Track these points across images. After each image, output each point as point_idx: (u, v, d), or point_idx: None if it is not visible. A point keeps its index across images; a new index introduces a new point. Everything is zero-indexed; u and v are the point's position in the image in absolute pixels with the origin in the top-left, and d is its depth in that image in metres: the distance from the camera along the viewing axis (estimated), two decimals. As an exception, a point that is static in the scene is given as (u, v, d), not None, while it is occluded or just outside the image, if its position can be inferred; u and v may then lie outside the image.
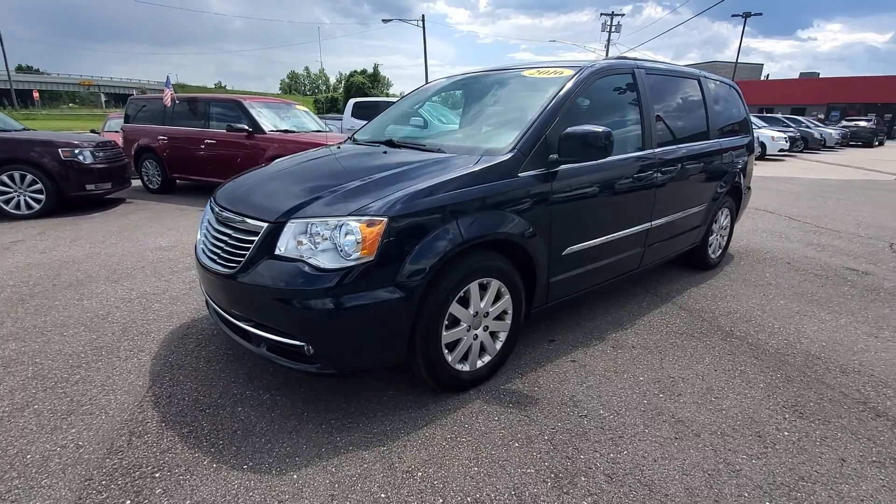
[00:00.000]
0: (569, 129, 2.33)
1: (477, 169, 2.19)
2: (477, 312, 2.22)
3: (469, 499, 1.66)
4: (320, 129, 7.61)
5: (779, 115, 22.09)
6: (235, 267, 2.04)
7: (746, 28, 32.91)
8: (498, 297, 2.31)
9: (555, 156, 2.41)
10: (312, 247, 1.91)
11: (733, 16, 34.93)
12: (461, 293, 2.12)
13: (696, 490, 1.72)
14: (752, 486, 1.74)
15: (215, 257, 2.18)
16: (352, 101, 9.76)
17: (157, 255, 4.29)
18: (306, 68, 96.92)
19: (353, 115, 9.41)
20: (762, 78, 51.37)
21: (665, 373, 2.51)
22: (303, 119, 7.62)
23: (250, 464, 1.81)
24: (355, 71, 53.95)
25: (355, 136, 3.32)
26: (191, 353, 2.61)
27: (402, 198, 1.96)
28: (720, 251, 4.36)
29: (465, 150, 2.47)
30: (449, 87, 3.46)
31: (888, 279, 4.09)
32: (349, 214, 1.90)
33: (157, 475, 1.73)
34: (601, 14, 38.74)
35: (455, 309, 2.12)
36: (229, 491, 1.67)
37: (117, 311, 3.11)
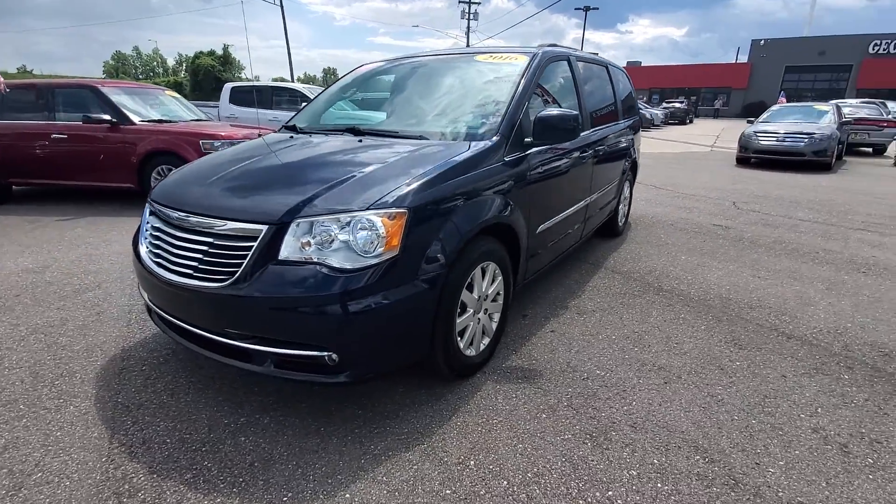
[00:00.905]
0: (543, 113, 2.44)
1: (473, 154, 2.19)
2: (479, 297, 2.25)
3: (529, 474, 1.72)
4: (199, 117, 6.71)
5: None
6: (226, 279, 1.76)
7: (579, 21, 37.13)
8: (493, 280, 2.36)
9: (529, 139, 2.51)
10: (322, 247, 1.75)
11: (576, 9, 38.99)
12: (468, 279, 2.13)
13: (701, 422, 2.01)
14: (737, 410, 2.09)
15: (184, 269, 1.87)
16: (229, 86, 8.67)
17: (28, 279, 3.42)
18: (136, 48, 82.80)
19: (231, 102, 8.42)
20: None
21: (629, 329, 2.83)
22: (173, 107, 6.62)
23: (290, 494, 1.62)
24: (201, 52, 47.66)
25: (296, 125, 3.03)
26: (144, 388, 2.19)
27: (418, 187, 1.88)
28: (624, 219, 4.97)
29: (448, 135, 2.45)
30: (391, 71, 3.31)
31: (745, 230, 5.09)
32: (368, 209, 1.76)
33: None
34: (459, 2, 40.07)
35: (464, 295, 2.12)
36: (281, 528, 1.48)
37: (12, 354, 2.44)
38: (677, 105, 30.33)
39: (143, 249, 2.10)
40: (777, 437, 1.93)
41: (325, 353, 1.75)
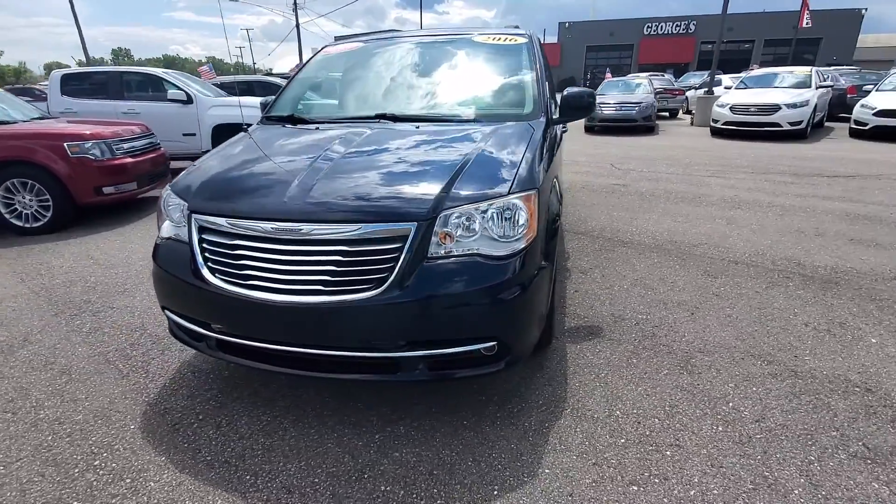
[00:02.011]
0: (568, 92, 2.62)
1: (541, 133, 2.29)
2: (549, 266, 2.41)
3: (666, 407, 1.98)
4: (37, 115, 5.24)
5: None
6: (373, 287, 1.60)
7: (398, 0, 38.16)
8: (551, 250, 2.53)
9: (556, 115, 2.68)
10: (468, 237, 1.69)
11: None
12: (547, 250, 2.27)
13: (739, 336, 2.51)
14: (752, 322, 2.65)
15: (307, 287, 1.63)
16: (58, 75, 6.66)
17: None
18: None
19: (64, 94, 6.54)
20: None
21: (631, 278, 3.28)
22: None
23: (498, 486, 1.61)
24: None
25: (301, 116, 2.69)
26: (225, 438, 1.84)
27: (531, 166, 1.92)
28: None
29: (501, 116, 2.49)
30: (380, 54, 3.05)
31: (638, 186, 6.09)
32: (509, 193, 1.75)
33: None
34: (281, -24, 37.16)
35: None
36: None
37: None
38: None
39: (208, 273, 1.73)
40: (791, 334, 2.53)
41: (487, 345, 1.72)
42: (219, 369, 2.29)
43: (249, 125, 2.63)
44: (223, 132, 6.37)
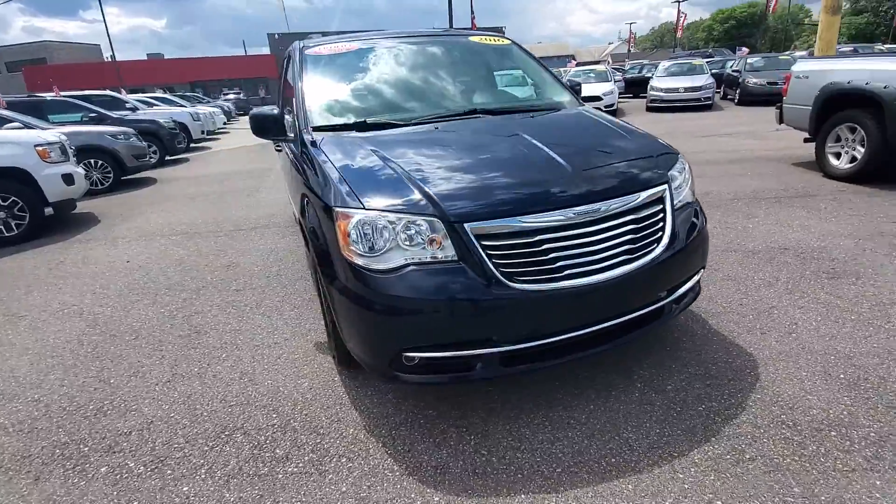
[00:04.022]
0: (574, 82, 2.75)
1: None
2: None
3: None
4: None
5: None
6: (658, 244, 1.86)
7: (23, 7, 33.85)
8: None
9: None
10: (680, 189, 2.04)
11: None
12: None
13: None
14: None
15: (618, 259, 1.77)
16: None
17: None
18: None
19: None
20: (106, 59, 42.81)
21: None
22: None
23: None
24: None
25: (376, 122, 2.45)
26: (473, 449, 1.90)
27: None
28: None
29: (560, 104, 2.79)
30: (384, 55, 3.07)
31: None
32: (679, 158, 2.16)
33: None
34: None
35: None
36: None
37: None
38: (241, 97, 31.46)
39: (507, 280, 1.64)
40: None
41: (700, 273, 2.13)
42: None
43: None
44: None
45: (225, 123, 18.77)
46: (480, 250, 1.64)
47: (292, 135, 2.54)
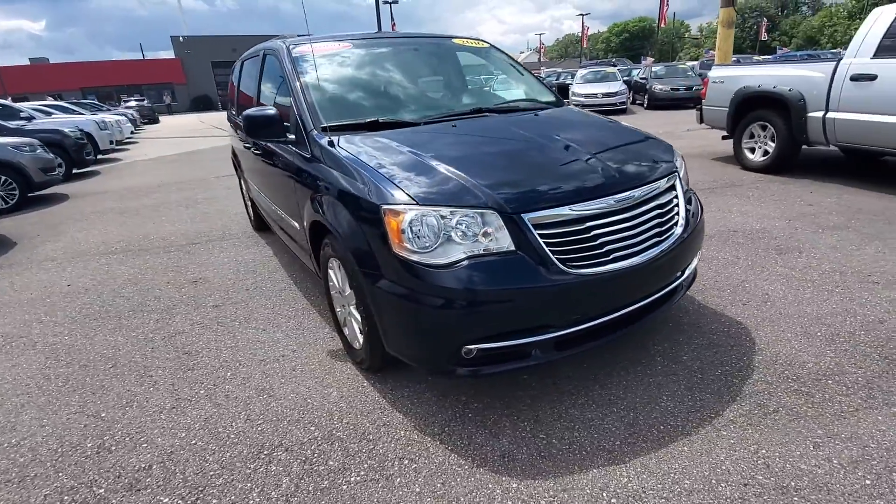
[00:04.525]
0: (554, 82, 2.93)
1: None
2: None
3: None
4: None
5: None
6: (674, 230, 2.04)
7: None
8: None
9: None
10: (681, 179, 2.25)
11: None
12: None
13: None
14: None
15: (654, 241, 1.94)
16: None
17: None
18: None
19: None
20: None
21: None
22: None
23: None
24: None
25: (387, 120, 2.41)
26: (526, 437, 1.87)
27: None
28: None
29: (553, 103, 2.95)
30: (369, 55, 3.03)
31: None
32: (675, 150, 2.37)
33: None
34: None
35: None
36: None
37: None
38: (145, 104, 29.02)
39: (564, 266, 1.71)
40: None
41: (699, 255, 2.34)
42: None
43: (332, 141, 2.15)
44: None
45: (132, 132, 17.12)
46: (539, 239, 1.70)
47: (293, 136, 2.43)
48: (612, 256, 1.79)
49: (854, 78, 4.50)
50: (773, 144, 5.47)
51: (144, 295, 3.39)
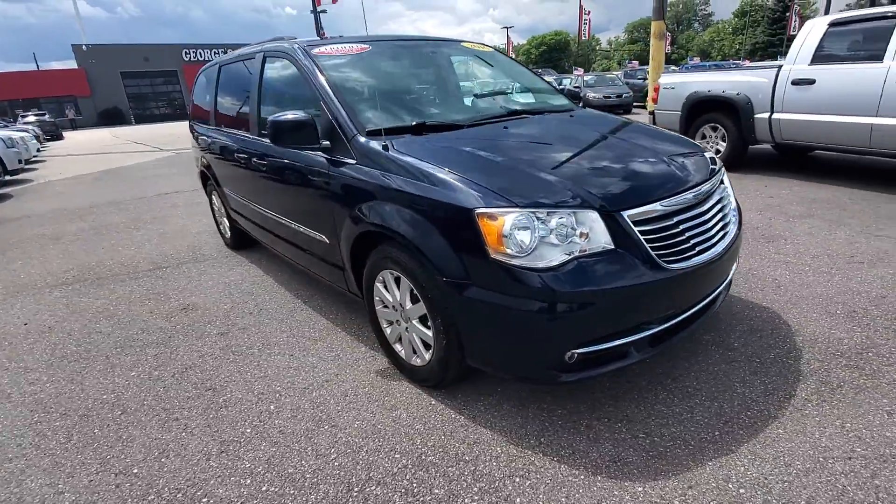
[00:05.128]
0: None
1: None
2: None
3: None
4: None
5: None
6: (734, 221, 2.12)
7: None
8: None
9: None
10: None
11: None
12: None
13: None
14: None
15: (724, 232, 2.01)
16: None
17: None
18: None
19: None
20: None
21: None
22: None
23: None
24: None
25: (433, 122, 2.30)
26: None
27: None
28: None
29: (572, 105, 2.97)
30: (383, 58, 2.89)
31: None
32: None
33: None
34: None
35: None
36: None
37: None
38: (46, 119, 26.62)
39: (662, 262, 1.71)
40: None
41: None
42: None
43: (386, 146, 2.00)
44: None
45: (39, 150, 15.25)
46: (640, 236, 1.69)
47: (326, 142, 2.25)
48: (696, 249, 1.82)
49: (795, 82, 5.03)
50: (724, 144, 5.95)
51: (127, 328, 2.97)
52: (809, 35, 5.01)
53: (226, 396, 2.22)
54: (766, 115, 5.34)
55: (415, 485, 1.65)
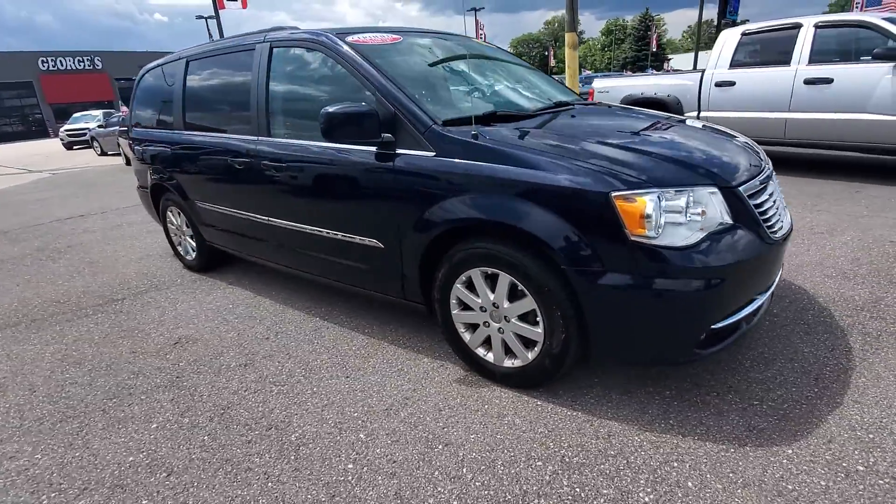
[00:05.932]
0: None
1: None
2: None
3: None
4: None
5: None
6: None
7: None
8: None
9: None
10: None
11: None
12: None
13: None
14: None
15: (785, 220, 2.04)
16: None
17: None
18: None
19: None
20: None
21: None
22: None
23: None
24: None
25: (500, 112, 2.18)
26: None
27: None
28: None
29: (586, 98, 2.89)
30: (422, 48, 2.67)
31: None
32: None
33: None
34: None
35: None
36: None
37: None
38: None
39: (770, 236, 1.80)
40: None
41: None
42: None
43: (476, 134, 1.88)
44: None
45: None
46: (755, 210, 1.75)
47: (389, 135, 2.04)
48: (779, 225, 1.94)
49: (718, 84, 5.71)
50: (658, 141, 6.56)
51: (112, 374, 2.42)
52: (726, 43, 5.73)
53: (296, 433, 1.89)
54: (695, 113, 5.99)
55: (577, 489, 1.53)
